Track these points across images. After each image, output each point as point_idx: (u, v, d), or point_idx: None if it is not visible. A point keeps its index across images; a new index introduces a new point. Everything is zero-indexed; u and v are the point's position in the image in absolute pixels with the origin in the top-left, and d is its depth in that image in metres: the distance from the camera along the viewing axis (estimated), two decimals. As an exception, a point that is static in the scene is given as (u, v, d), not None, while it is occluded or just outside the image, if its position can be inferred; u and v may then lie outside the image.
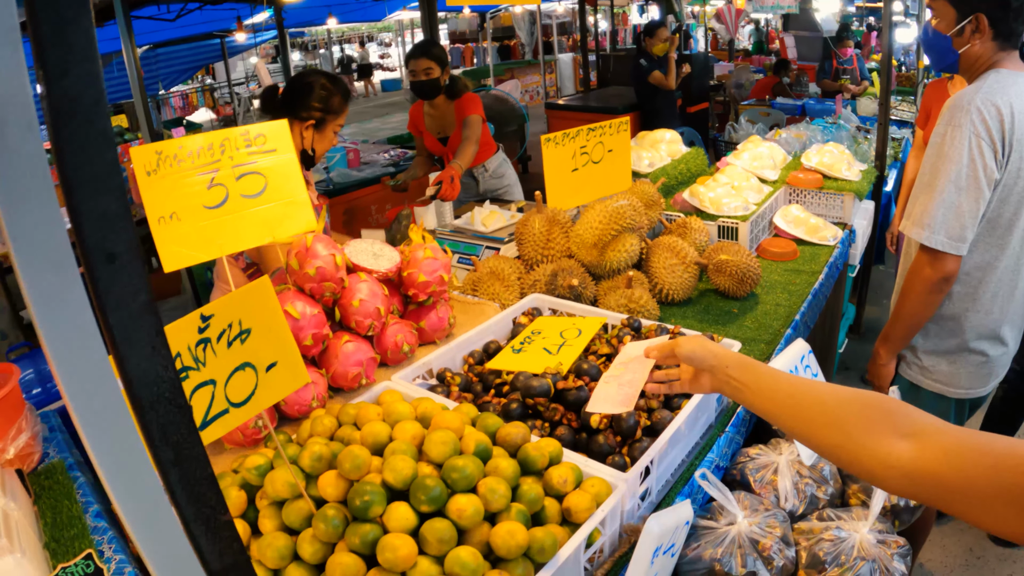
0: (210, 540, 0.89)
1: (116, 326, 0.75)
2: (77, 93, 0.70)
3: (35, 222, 0.70)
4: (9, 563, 1.79)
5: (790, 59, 13.34)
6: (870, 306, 6.44)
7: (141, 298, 0.76)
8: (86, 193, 0.72)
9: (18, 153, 0.69)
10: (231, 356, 1.43)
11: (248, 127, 2.14)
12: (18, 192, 0.69)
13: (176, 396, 0.81)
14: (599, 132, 3.23)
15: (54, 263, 0.72)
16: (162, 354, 0.79)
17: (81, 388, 0.75)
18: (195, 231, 1.99)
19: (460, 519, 1.54)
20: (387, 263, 2.55)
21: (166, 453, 0.82)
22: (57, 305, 0.72)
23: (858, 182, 4.26)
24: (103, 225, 0.74)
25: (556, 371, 2.14)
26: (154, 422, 0.80)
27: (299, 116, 3.51)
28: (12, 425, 2.36)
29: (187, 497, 0.85)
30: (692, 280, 3.15)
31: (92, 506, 2.23)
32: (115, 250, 0.74)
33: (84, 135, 0.72)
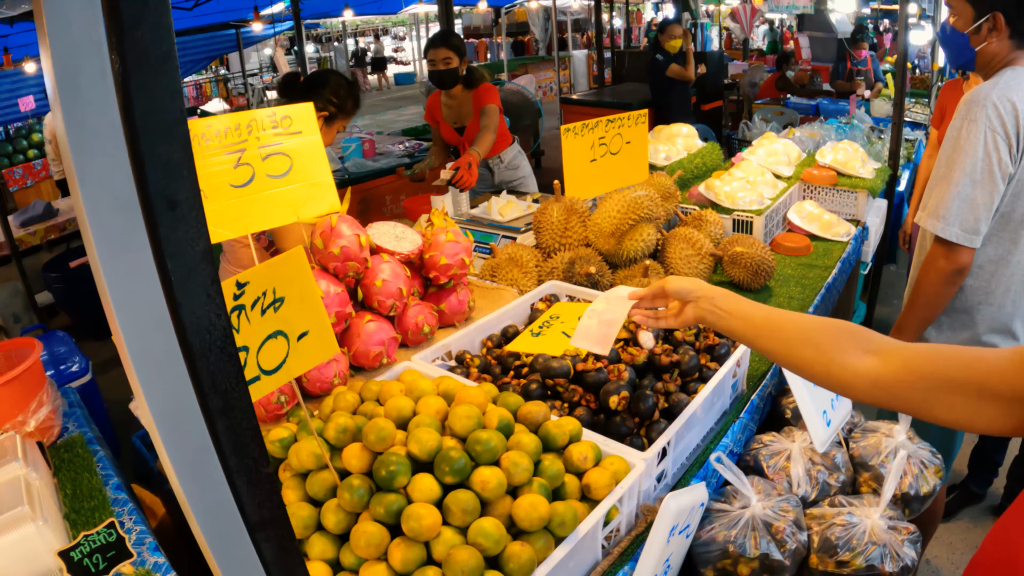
0: (251, 492, 0.91)
1: (174, 271, 0.77)
2: (148, 44, 0.73)
3: (102, 167, 0.73)
4: (31, 530, 1.82)
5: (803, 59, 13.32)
6: (881, 305, 6.42)
7: (200, 246, 0.79)
8: (151, 141, 0.74)
9: (89, 99, 0.71)
10: (264, 324, 1.45)
11: (275, 108, 2.17)
12: (87, 136, 0.72)
13: (227, 345, 0.84)
14: (618, 124, 3.24)
15: (119, 207, 0.74)
16: (216, 302, 0.81)
17: (137, 332, 0.77)
18: (221, 209, 2.02)
19: (484, 491, 1.57)
20: (409, 245, 2.58)
21: (215, 401, 0.84)
22: (119, 249, 0.75)
23: (872, 179, 4.27)
24: (167, 173, 0.76)
25: (575, 353, 2.16)
26: (205, 369, 0.82)
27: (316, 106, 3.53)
28: (33, 398, 2.39)
29: (232, 447, 0.87)
30: (707, 271, 3.16)
31: (112, 479, 2.26)
32: (177, 197, 0.77)
33: (152, 85, 0.74)
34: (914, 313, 2.86)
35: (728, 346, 2.35)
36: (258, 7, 12.22)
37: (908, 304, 2.91)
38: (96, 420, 2.90)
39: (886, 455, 2.30)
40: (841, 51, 10.87)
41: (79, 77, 0.70)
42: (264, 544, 0.95)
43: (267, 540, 0.95)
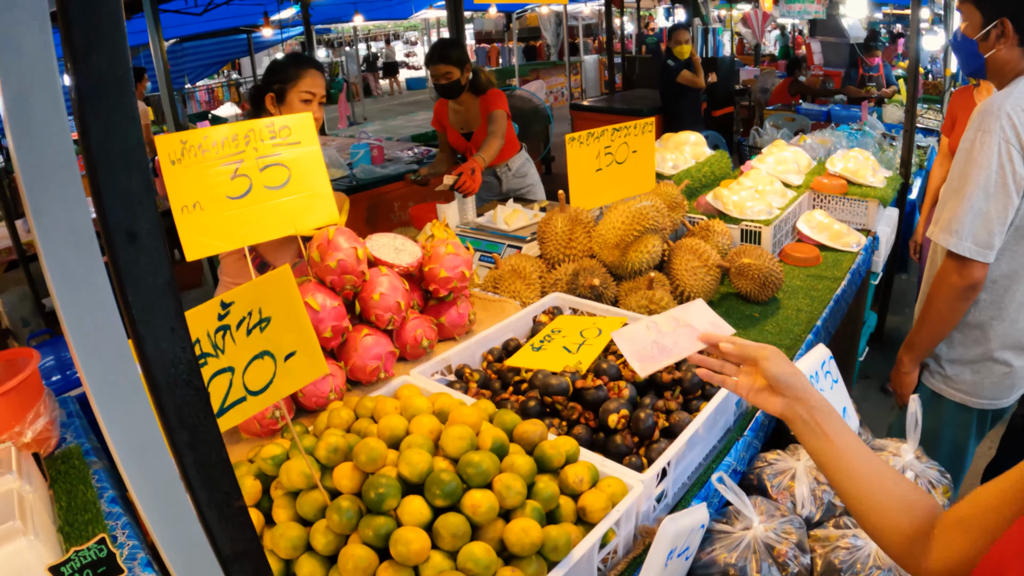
0: (223, 526, 0.89)
1: (136, 305, 0.75)
2: (103, 71, 0.70)
3: (58, 200, 0.71)
4: (22, 544, 1.80)
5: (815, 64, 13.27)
6: (892, 315, 6.39)
7: (161, 278, 0.76)
8: (109, 171, 0.72)
9: (43, 131, 0.69)
10: (250, 344, 1.43)
11: (273, 119, 2.16)
12: (42, 170, 0.70)
13: (193, 378, 0.81)
14: (624, 132, 3.21)
15: (76, 241, 0.72)
16: (181, 335, 0.79)
17: (99, 367, 0.75)
18: (218, 221, 2.00)
19: (475, 515, 1.54)
20: (408, 258, 2.55)
21: (181, 435, 0.81)
22: (77, 283, 0.72)
23: (883, 189, 4.23)
24: (125, 203, 0.73)
25: (575, 370, 2.13)
26: (171, 404, 0.80)
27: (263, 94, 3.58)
28: (30, 409, 2.37)
29: (201, 481, 0.85)
30: (714, 283, 3.13)
31: (107, 492, 2.24)
32: (136, 229, 0.74)
33: (109, 113, 0.72)
34: (926, 329, 2.82)
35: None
36: (268, 12, 12.24)
37: (919, 320, 2.87)
38: (96, 429, 2.89)
39: (893, 476, 2.26)
40: (853, 56, 10.82)
41: (31, 107, 0.68)
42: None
43: (241, 572, 0.93)
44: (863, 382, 5.60)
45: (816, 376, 2.32)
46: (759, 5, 14.57)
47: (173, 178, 1.93)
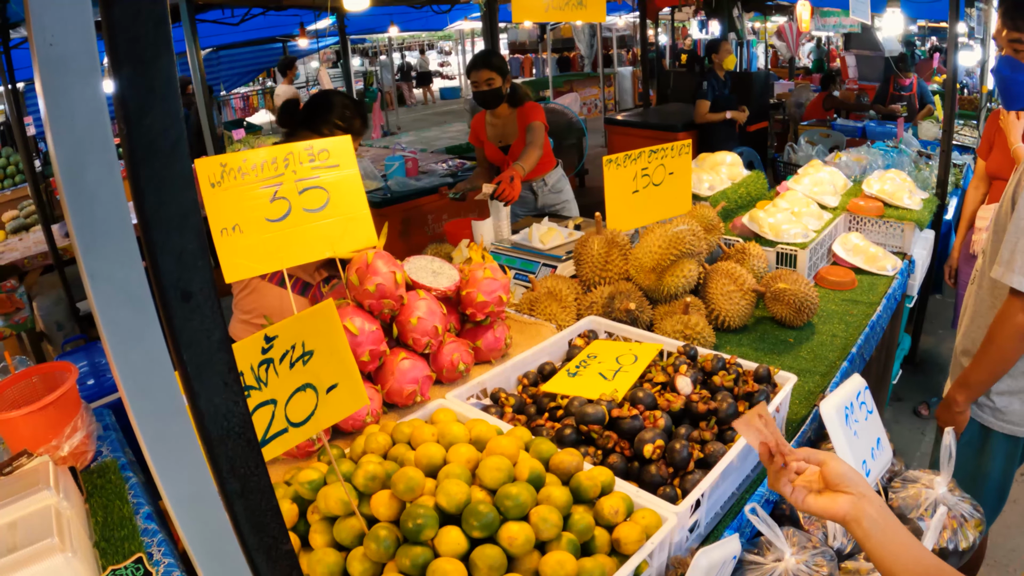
0: (270, 569, 0.90)
1: (190, 363, 0.77)
2: (157, 133, 0.72)
3: (113, 261, 0.72)
4: (59, 562, 1.82)
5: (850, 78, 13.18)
6: (926, 336, 6.33)
7: (215, 336, 0.78)
8: (164, 232, 0.74)
9: (97, 194, 0.71)
10: (293, 377, 1.45)
11: (312, 142, 2.17)
12: (97, 232, 0.71)
13: (246, 430, 0.83)
14: (661, 154, 3.21)
15: (131, 301, 0.73)
16: (234, 390, 0.80)
17: (154, 422, 0.76)
18: (257, 243, 2.02)
19: (511, 547, 1.55)
20: (446, 281, 2.56)
21: (232, 485, 0.83)
22: (133, 342, 0.74)
23: (919, 211, 4.19)
24: (180, 264, 0.75)
25: (611, 398, 2.13)
26: (223, 455, 0.81)
27: (320, 132, 3.61)
28: (68, 423, 2.40)
29: (251, 527, 0.86)
30: (749, 307, 3.12)
31: (143, 507, 2.26)
32: (191, 288, 0.76)
33: (163, 175, 0.73)
34: (985, 368, 2.74)
35: (767, 392, 2.30)
36: (304, 23, 12.32)
37: (977, 359, 2.77)
38: (131, 434, 2.91)
39: (926, 507, 2.25)
40: (888, 70, 10.73)
41: (85, 171, 0.69)
42: (283, 618, 0.94)
43: (286, 614, 0.94)
44: (895, 404, 5.56)
45: (851, 407, 2.30)
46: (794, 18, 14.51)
47: (213, 201, 1.95)
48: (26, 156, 6.67)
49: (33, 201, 7.76)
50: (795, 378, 2.36)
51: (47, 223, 6.61)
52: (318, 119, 3.62)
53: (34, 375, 2.61)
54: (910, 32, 16.67)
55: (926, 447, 5.02)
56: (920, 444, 5.07)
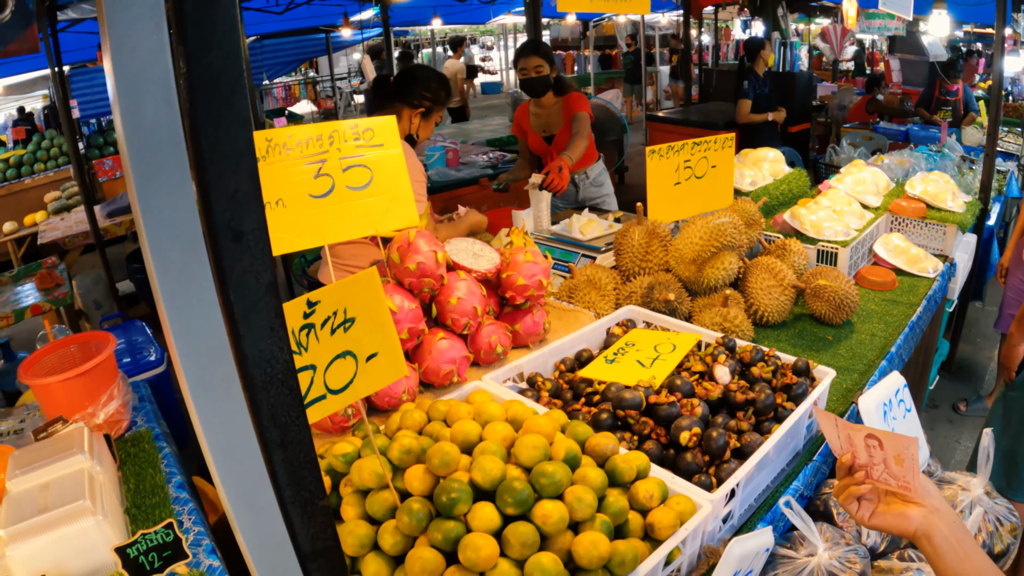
0: (305, 524, 0.89)
1: (237, 304, 0.76)
2: (218, 71, 0.71)
3: (166, 197, 0.71)
4: (90, 524, 1.83)
5: (894, 82, 13.02)
6: (964, 344, 6.23)
7: (265, 278, 0.77)
8: (219, 171, 0.73)
9: (154, 128, 0.70)
10: (333, 343, 1.44)
11: (357, 120, 2.17)
12: (152, 166, 0.70)
13: (289, 378, 0.82)
14: (704, 147, 3.19)
15: (180, 237, 0.73)
16: (280, 335, 0.80)
17: (196, 362, 0.76)
18: (300, 219, 2.02)
19: (545, 525, 1.53)
20: (487, 264, 2.55)
21: (273, 434, 0.82)
22: (180, 279, 0.73)
23: (962, 214, 4.12)
24: (233, 204, 0.74)
25: (649, 385, 2.11)
26: (264, 402, 0.80)
27: (410, 103, 3.82)
28: (104, 391, 2.42)
29: (288, 479, 0.85)
30: (788, 303, 3.09)
31: (175, 477, 2.28)
32: (242, 229, 0.75)
33: (221, 113, 0.72)
34: None
35: (806, 385, 2.27)
36: (348, 13, 12.35)
37: None
38: (167, 411, 2.94)
39: (961, 509, 2.21)
40: (932, 76, 10.57)
41: (143, 105, 0.69)
42: (315, 574, 0.93)
43: (319, 570, 0.94)
44: (931, 411, 5.48)
45: (889, 404, 2.27)
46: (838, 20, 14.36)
47: (258, 175, 1.95)
48: (70, 138, 6.74)
49: (76, 182, 7.85)
50: (834, 372, 2.33)
51: (89, 203, 6.69)
52: (407, 92, 3.80)
53: (72, 344, 2.64)
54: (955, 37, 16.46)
55: (961, 455, 4.95)
56: (955, 452, 5.00)
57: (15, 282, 6.00)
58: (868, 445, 1.52)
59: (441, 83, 3.90)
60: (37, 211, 8.11)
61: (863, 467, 1.54)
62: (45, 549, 1.82)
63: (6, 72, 11.12)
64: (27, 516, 1.85)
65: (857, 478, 1.53)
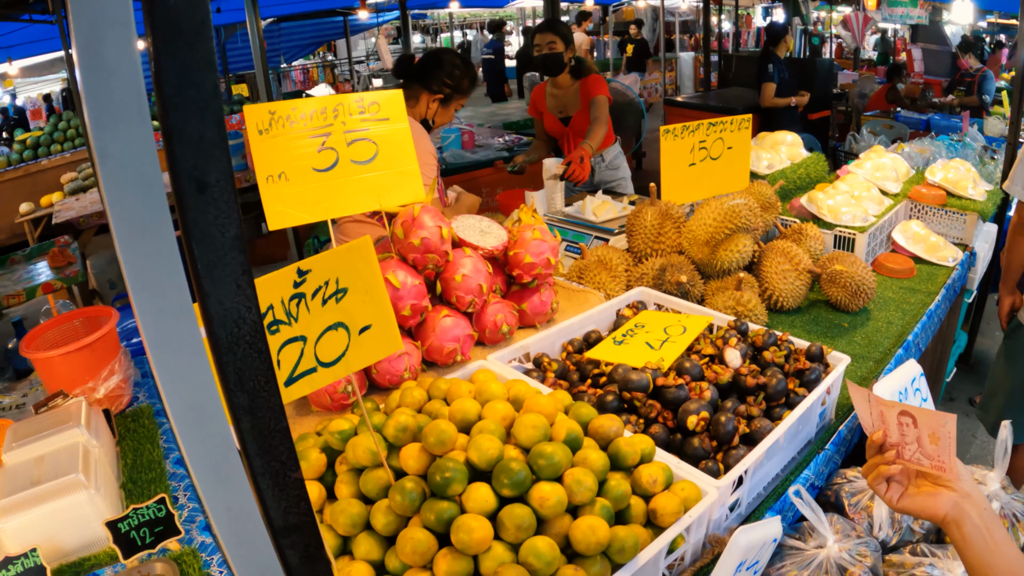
0: (276, 496, 0.85)
1: (202, 259, 0.71)
2: (182, 12, 0.67)
3: (126, 144, 0.67)
4: (82, 498, 1.82)
5: (916, 72, 12.90)
6: (982, 337, 6.14)
7: (230, 232, 0.72)
8: (182, 116, 0.69)
9: (114, 69, 0.65)
10: (325, 314, 1.40)
11: (363, 94, 2.14)
12: (111, 109, 0.66)
13: (257, 340, 0.77)
14: (719, 128, 3.13)
15: (142, 187, 0.68)
16: (247, 293, 0.75)
17: (158, 320, 0.71)
18: (303, 192, 1.99)
19: (541, 508, 1.49)
20: (494, 240, 2.51)
21: (240, 399, 0.77)
22: (141, 231, 0.68)
23: (983, 202, 4.04)
24: (198, 152, 0.70)
25: (657, 367, 2.06)
26: (231, 365, 0.76)
27: (430, 88, 3.77)
28: (105, 366, 2.40)
29: (257, 448, 0.81)
30: (804, 288, 3.03)
31: (173, 452, 2.27)
32: (207, 179, 0.70)
33: (186, 56, 0.68)
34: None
35: (819, 371, 2.21)
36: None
37: None
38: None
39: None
40: (955, 65, 10.46)
41: (103, 45, 0.64)
42: (288, 551, 0.89)
43: (292, 547, 0.89)
44: (947, 404, 5.41)
45: (905, 393, 2.21)
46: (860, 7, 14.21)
47: (260, 148, 1.92)
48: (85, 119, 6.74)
49: (91, 163, 7.84)
50: (848, 359, 2.27)
51: (102, 184, 6.68)
52: (428, 76, 3.75)
53: (76, 319, 2.63)
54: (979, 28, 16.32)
55: (976, 449, 4.88)
56: (971, 446, 4.93)
57: (28, 261, 6.00)
58: (901, 423, 1.47)
59: (465, 71, 3.83)
60: (54, 192, 8.11)
61: (894, 446, 1.49)
62: (37, 522, 1.81)
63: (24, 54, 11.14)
64: (20, 489, 1.84)
65: (888, 457, 1.48)
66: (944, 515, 1.38)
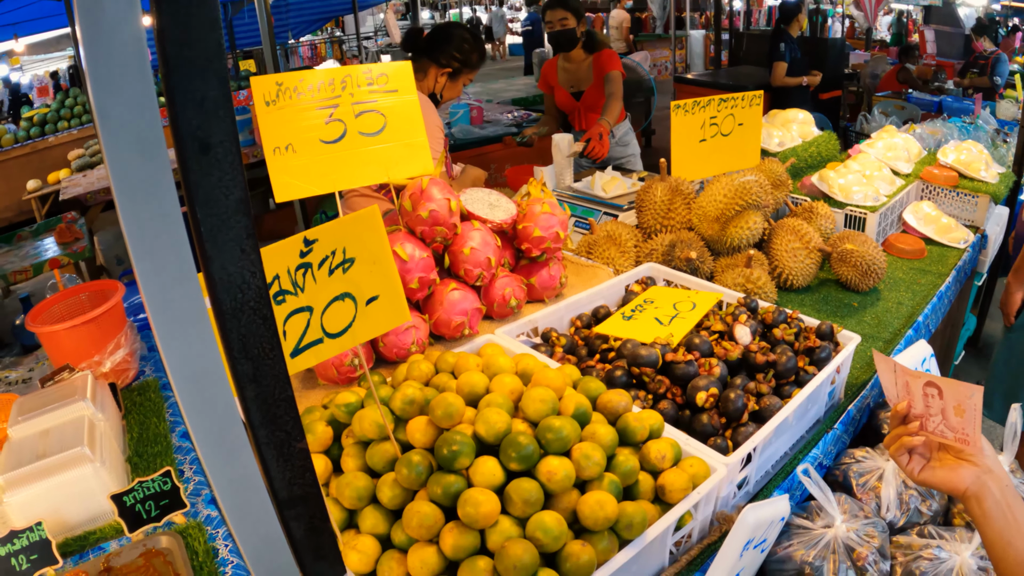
0: (281, 467, 0.84)
1: (204, 222, 0.69)
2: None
3: (127, 104, 0.65)
4: (87, 471, 1.81)
5: (928, 53, 12.80)
6: (991, 321, 6.09)
7: (235, 195, 0.70)
8: (185, 75, 0.67)
9: (116, 28, 0.63)
10: (331, 284, 1.38)
11: (371, 66, 2.11)
12: (112, 69, 0.64)
13: (262, 306, 0.75)
14: (731, 103, 3.10)
15: (143, 148, 0.66)
16: (251, 258, 0.73)
17: (160, 285, 0.69)
18: (310, 164, 1.96)
19: (549, 482, 1.47)
20: (503, 214, 2.48)
21: (244, 367, 0.76)
22: (143, 193, 0.67)
23: (995, 184, 4.00)
24: (201, 112, 0.68)
25: (666, 342, 2.04)
26: (235, 331, 0.74)
27: (438, 62, 3.75)
28: (111, 340, 2.39)
29: (262, 417, 0.79)
30: (814, 267, 3.00)
31: (180, 426, 2.26)
32: (210, 140, 0.68)
33: (189, 14, 0.66)
34: None
35: (830, 349, 2.19)
36: (374, -32, 12.26)
37: None
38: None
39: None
40: (968, 47, 10.37)
41: (103, 4, 0.62)
42: (293, 523, 0.88)
43: (296, 519, 0.88)
44: (955, 388, 5.36)
45: (917, 372, 2.19)
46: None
47: (267, 120, 1.89)
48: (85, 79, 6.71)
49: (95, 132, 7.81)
50: (858, 338, 2.25)
51: (111, 159, 6.67)
52: (437, 50, 3.73)
53: (82, 292, 2.62)
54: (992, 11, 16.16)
55: (984, 432, 4.84)
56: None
57: (35, 237, 5.99)
58: (927, 394, 1.45)
59: (475, 45, 3.80)
60: (61, 169, 8.09)
61: (918, 417, 1.48)
62: (43, 496, 1.80)
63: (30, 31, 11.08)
64: (26, 462, 1.83)
65: (911, 428, 1.47)
66: (965, 489, 1.37)
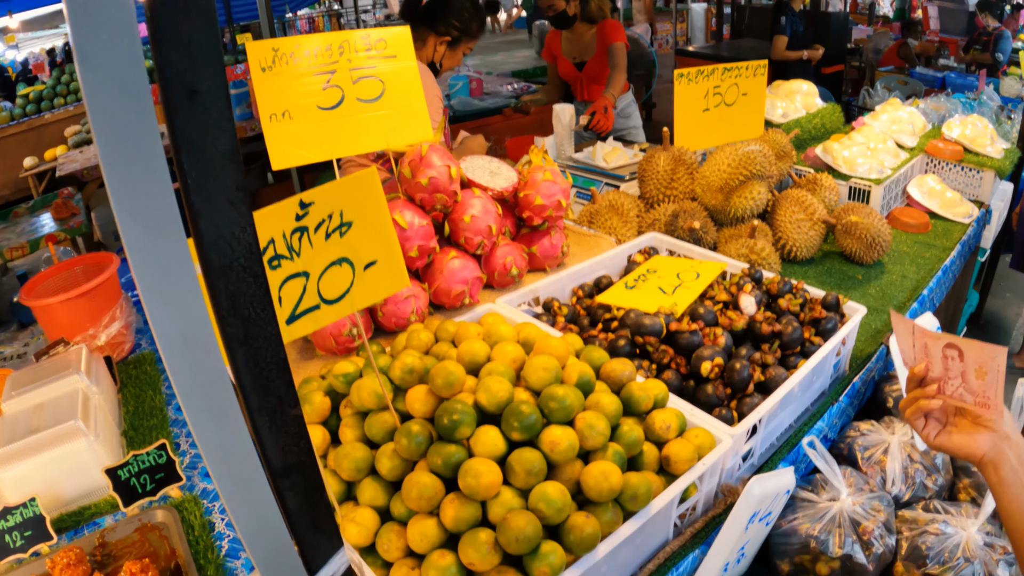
0: (274, 435, 0.80)
1: (191, 172, 0.65)
2: None
3: (108, 45, 0.60)
4: (82, 445, 1.79)
5: (931, 29, 12.70)
6: (993, 298, 6.06)
7: (223, 144, 0.66)
8: (170, 17, 0.62)
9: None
10: (328, 249, 1.34)
11: (369, 31, 2.06)
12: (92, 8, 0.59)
13: (253, 264, 0.71)
14: (734, 73, 3.05)
15: (126, 92, 0.62)
16: (241, 211, 0.69)
17: (145, 239, 0.65)
18: (307, 131, 1.93)
19: (552, 452, 1.44)
20: (503, 182, 2.44)
21: (234, 327, 0.72)
22: (126, 140, 0.62)
23: (1000, 160, 3.95)
24: (187, 56, 0.64)
25: (670, 312, 2.01)
26: (224, 290, 0.70)
27: (437, 30, 3.68)
28: (106, 313, 2.37)
29: (253, 382, 0.75)
30: (818, 239, 2.97)
31: (175, 399, 2.22)
32: (198, 86, 0.64)
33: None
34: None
35: (836, 320, 2.16)
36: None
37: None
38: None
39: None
40: (972, 24, 10.28)
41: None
42: (288, 492, 0.84)
43: (291, 488, 0.84)
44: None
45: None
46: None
47: (263, 86, 1.86)
48: (65, 18, 6.67)
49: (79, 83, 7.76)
50: (864, 309, 2.22)
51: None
52: (436, 18, 3.67)
53: (77, 265, 2.60)
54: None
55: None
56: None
57: (32, 213, 5.96)
58: (946, 356, 1.41)
59: (475, 13, 3.74)
60: (58, 146, 8.04)
61: (936, 380, 1.43)
62: (37, 471, 1.79)
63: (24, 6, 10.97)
64: (19, 437, 1.82)
65: (928, 391, 1.42)
66: (982, 455, 1.34)
